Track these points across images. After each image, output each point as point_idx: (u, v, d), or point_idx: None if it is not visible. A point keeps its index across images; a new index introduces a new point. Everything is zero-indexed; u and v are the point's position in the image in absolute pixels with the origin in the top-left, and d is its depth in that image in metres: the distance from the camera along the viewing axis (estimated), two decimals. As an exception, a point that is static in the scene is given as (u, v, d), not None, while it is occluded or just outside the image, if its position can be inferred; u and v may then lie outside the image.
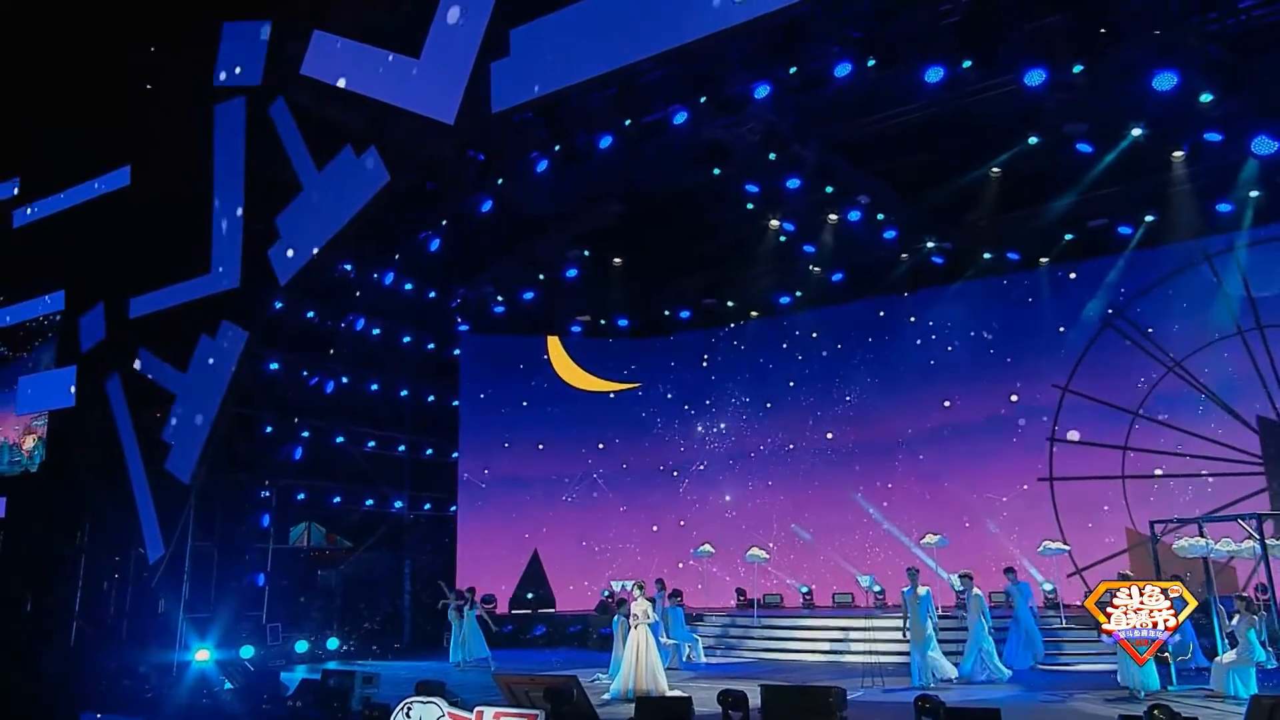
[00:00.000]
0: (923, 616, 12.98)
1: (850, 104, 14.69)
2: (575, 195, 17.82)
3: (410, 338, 22.11)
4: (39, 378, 21.68)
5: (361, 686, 11.48)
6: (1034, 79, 11.96)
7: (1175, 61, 11.43)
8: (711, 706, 9.66)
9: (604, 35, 13.74)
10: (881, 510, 20.11)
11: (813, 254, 19.61)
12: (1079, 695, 12.11)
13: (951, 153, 16.32)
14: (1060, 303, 19.06)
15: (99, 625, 18.54)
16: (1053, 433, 18.81)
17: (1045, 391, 18.92)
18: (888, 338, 20.63)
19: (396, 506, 21.88)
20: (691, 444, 22.72)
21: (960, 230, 18.87)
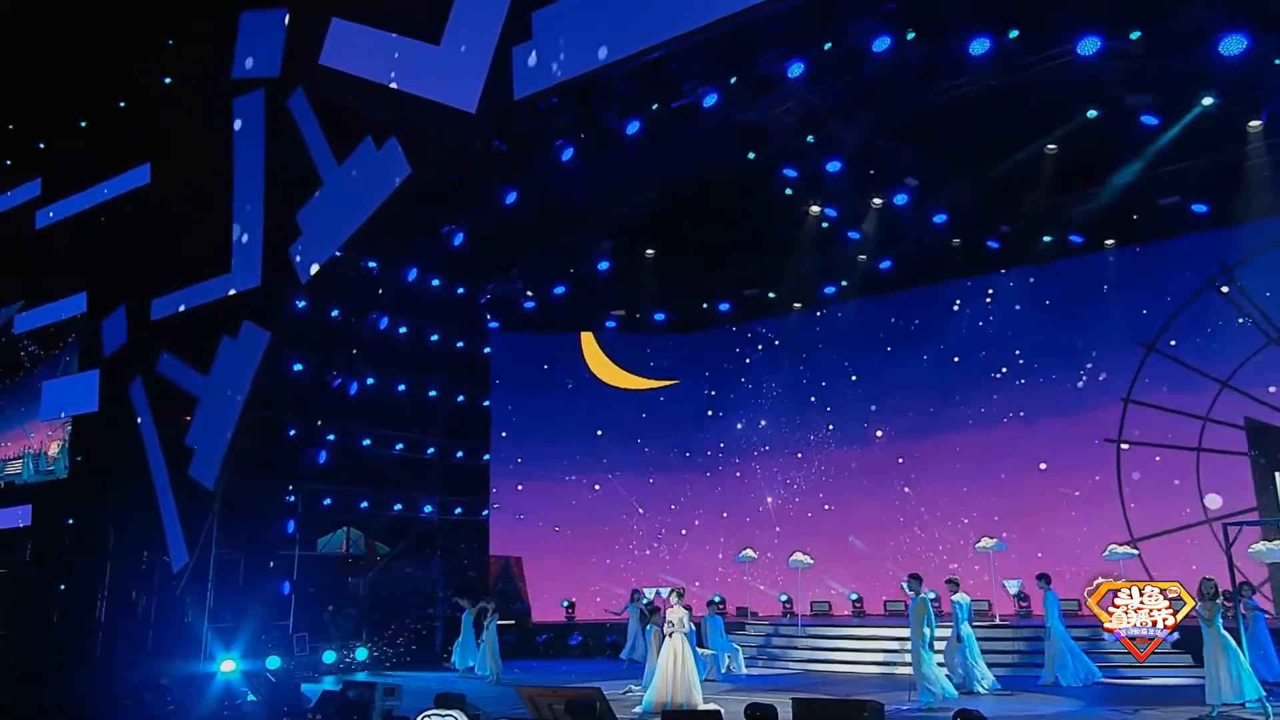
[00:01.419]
0: (922, 624, 12.82)
1: (892, 81, 14.47)
2: (604, 184, 17.84)
3: (438, 336, 22.33)
4: (62, 382, 22.38)
5: (382, 699, 11.61)
6: (1087, 48, 11.71)
7: (1243, 22, 11.06)
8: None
9: (628, 15, 13.74)
10: (936, 512, 19.82)
11: (857, 241, 19.39)
12: (1147, 710, 11.83)
13: (1004, 130, 15.94)
14: (1131, 288, 18.57)
15: (125, 636, 19.10)
16: (1129, 392, 18.24)
17: (1113, 385, 18.46)
18: (940, 328, 20.32)
19: (426, 511, 22.16)
20: (732, 443, 22.65)
21: (1017, 212, 18.48)
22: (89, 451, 21.44)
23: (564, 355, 23.31)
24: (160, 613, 18.69)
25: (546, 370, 23.23)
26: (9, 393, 24.49)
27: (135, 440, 19.52)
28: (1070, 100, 15.10)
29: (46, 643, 20.46)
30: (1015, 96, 14.70)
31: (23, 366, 24.10)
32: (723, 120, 15.25)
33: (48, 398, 22.66)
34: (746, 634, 18.69)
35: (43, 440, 23.04)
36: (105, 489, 20.42)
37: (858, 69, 13.58)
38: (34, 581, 21.62)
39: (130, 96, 22.48)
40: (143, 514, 18.98)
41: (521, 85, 14.86)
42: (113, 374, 20.68)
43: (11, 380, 24.39)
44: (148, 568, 19.26)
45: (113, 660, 18.65)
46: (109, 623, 19.59)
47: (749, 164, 16.82)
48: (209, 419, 18.37)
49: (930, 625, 12.64)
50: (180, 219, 20.13)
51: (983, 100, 14.81)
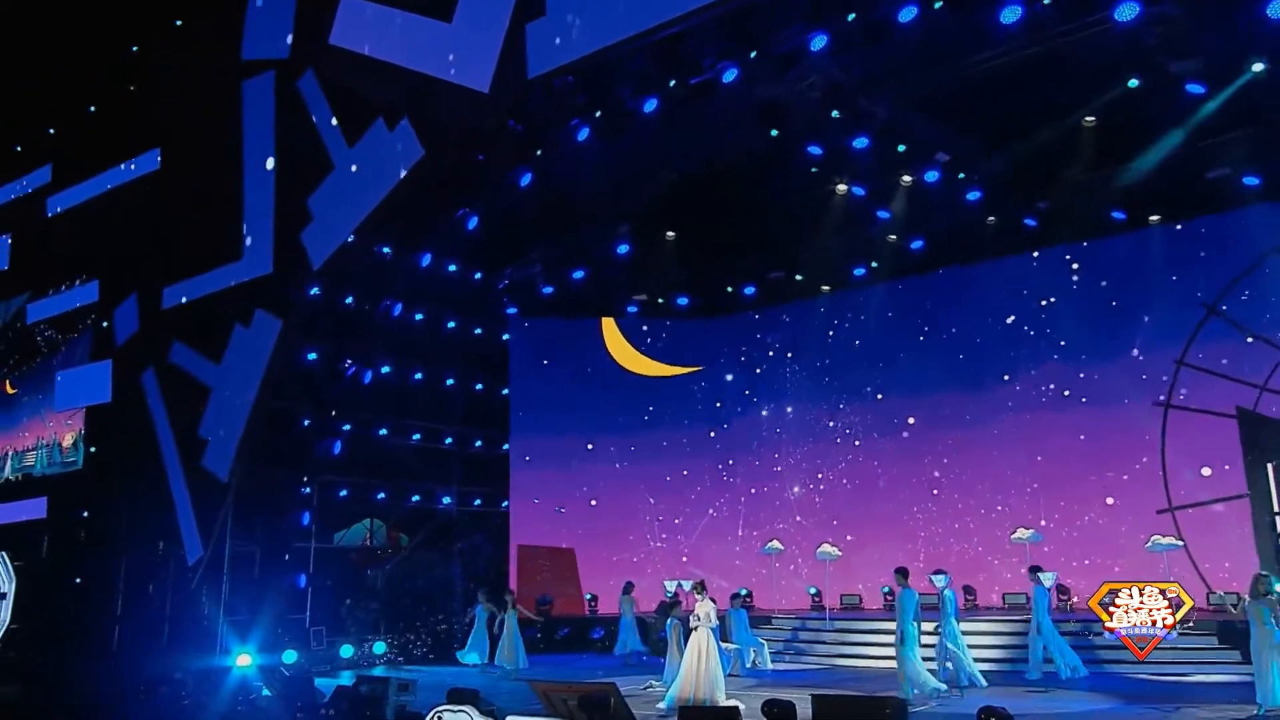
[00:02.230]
0: (906, 619, 12.93)
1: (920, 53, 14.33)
2: (622, 165, 17.79)
3: (455, 323, 22.41)
4: (75, 373, 22.73)
5: (396, 694, 11.76)
6: (1125, 13, 11.48)
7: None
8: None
9: (644, -12, 13.66)
10: (970, 501, 19.65)
11: (887, 220, 19.20)
12: (1189, 709, 11.71)
13: (1039, 102, 15.74)
14: (1178, 266, 18.22)
15: (141, 629, 19.44)
16: (1183, 355, 17.88)
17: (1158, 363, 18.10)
18: (974, 310, 20.09)
19: (444, 502, 22.32)
20: (758, 431, 22.58)
21: (1056, 189, 18.22)
22: (103, 442, 21.79)
23: (585, 342, 23.32)
24: (175, 606, 18.98)
25: (567, 357, 23.23)
26: (26, 379, 24.84)
27: (148, 431, 19.81)
28: (1109, 70, 14.84)
29: (63, 636, 20.87)
30: (1050, 67, 14.49)
31: (40, 352, 24.39)
32: (743, 97, 15.14)
33: (61, 388, 23.04)
34: (773, 628, 18.68)
35: (57, 430, 23.41)
36: (119, 480, 20.74)
37: (884, 41, 13.40)
38: (50, 574, 22.03)
39: (139, 80, 22.70)
40: (157, 506, 19.27)
41: (535, 64, 14.83)
42: (125, 364, 20.98)
43: (29, 367, 24.74)
44: (163, 560, 19.55)
45: (129, 653, 18.98)
46: (125, 615, 19.93)
47: (771, 142, 16.72)
48: (222, 409, 18.60)
49: (917, 620, 13.01)
50: (191, 205, 20.35)
51: (1016, 72, 14.63)
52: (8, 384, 25.21)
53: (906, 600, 13.04)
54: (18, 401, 24.92)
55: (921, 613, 13.40)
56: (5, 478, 24.42)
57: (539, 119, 16.38)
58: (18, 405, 24.88)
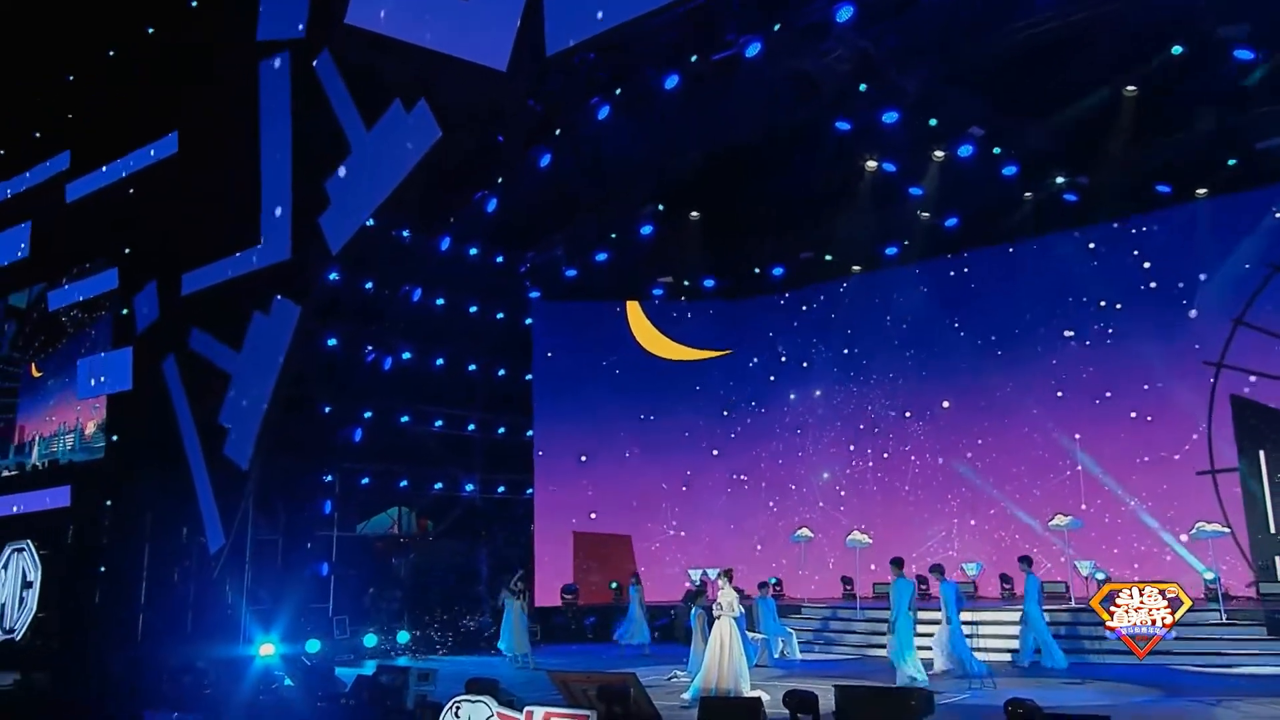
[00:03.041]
0: (899, 608, 13.06)
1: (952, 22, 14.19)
2: (645, 144, 17.78)
3: (477, 307, 22.55)
4: (96, 360, 23.12)
5: (416, 684, 11.94)
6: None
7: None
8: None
9: (662, -41, 13.58)
10: (1006, 486, 19.47)
11: (919, 197, 19.03)
12: (1232, 700, 11.59)
13: (1078, 72, 15.51)
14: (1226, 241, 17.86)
15: (165, 617, 19.85)
16: (1242, 313, 17.49)
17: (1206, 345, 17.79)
18: (1010, 289, 19.85)
19: (468, 490, 22.51)
20: (785, 415, 22.52)
21: (1095, 162, 17.96)
22: (124, 430, 22.17)
23: (609, 325, 23.34)
24: (199, 594, 19.35)
25: (591, 341, 23.27)
26: (51, 361, 25.20)
27: (170, 419, 20.14)
28: (1151, 36, 14.59)
29: (88, 624, 21.36)
30: (1089, 35, 14.29)
31: (65, 332, 24.71)
32: (768, 72, 15.07)
33: (83, 375, 23.46)
34: (802, 617, 18.70)
35: (81, 415, 23.81)
36: (141, 469, 21.11)
37: (914, 10, 13.28)
38: (76, 563, 22.53)
39: (156, 64, 22.94)
40: (179, 494, 19.61)
41: (554, 41, 14.81)
42: (146, 351, 21.32)
43: (54, 349, 25.13)
44: (186, 549, 19.93)
45: (153, 642, 19.40)
46: (149, 604, 20.36)
47: (798, 118, 16.63)
48: (242, 397, 18.85)
49: (912, 610, 13.29)
50: (209, 189, 20.56)
51: (1053, 40, 14.45)
52: (33, 367, 25.63)
53: (901, 589, 13.11)
54: (43, 385, 25.29)
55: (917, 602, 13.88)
56: (33, 464, 24.88)
57: (558, 98, 16.40)
58: (43, 389, 25.25)
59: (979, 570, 18.46)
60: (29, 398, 25.63)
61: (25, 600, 23.17)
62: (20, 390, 25.85)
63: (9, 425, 25.74)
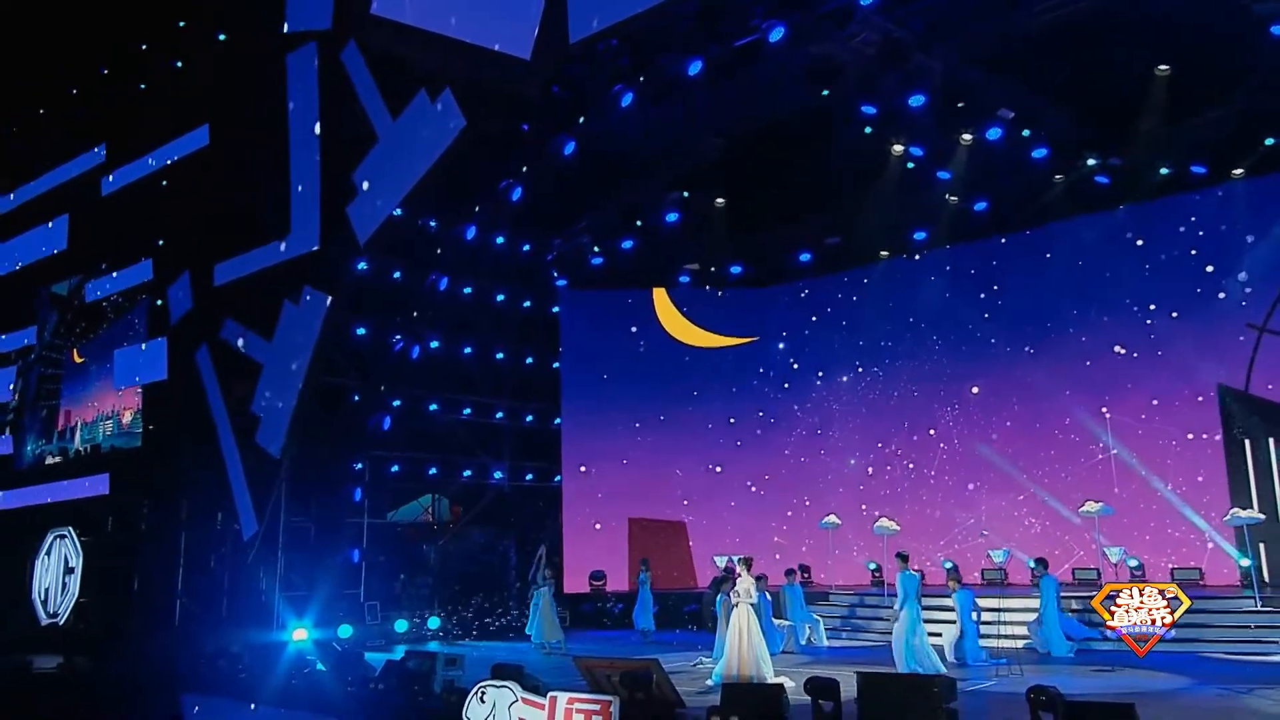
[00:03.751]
0: (903, 601, 13.03)
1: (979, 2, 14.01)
2: (669, 131, 17.76)
3: (504, 296, 22.69)
4: (132, 350, 23.52)
5: (444, 669, 12.09)
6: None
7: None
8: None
9: (684, -55, 13.55)
10: (1036, 472, 19.27)
11: (948, 181, 18.82)
12: (1263, 690, 11.43)
13: (1109, 52, 15.24)
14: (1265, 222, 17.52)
15: (202, 603, 20.23)
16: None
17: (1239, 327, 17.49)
18: (1041, 273, 19.60)
19: (496, 477, 22.69)
20: (813, 401, 22.43)
21: (1128, 143, 17.66)
22: (160, 419, 22.56)
23: (636, 313, 23.35)
24: (234, 580, 19.69)
25: (618, 329, 23.31)
26: (92, 346, 25.53)
27: (204, 408, 20.47)
28: (1182, 14, 14.29)
29: (128, 609, 21.81)
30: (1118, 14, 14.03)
31: (106, 318, 25.11)
32: (791, 56, 14.97)
33: (119, 365, 23.87)
34: (829, 604, 18.68)
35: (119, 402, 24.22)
36: (177, 457, 21.50)
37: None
38: (115, 549, 23.00)
39: (186, 56, 23.22)
40: (214, 482, 19.97)
41: (576, 28, 14.82)
42: (180, 341, 21.66)
43: (95, 335, 25.53)
44: (221, 536, 20.28)
45: (190, 626, 19.78)
46: (186, 590, 20.75)
47: (823, 102, 16.50)
48: (273, 386, 19.11)
49: (918, 599, 13.23)
50: (239, 181, 20.83)
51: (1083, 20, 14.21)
52: (75, 353, 26.07)
53: (907, 583, 13.08)
54: (85, 370, 25.63)
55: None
56: (75, 449, 25.33)
57: (582, 85, 16.41)
58: (85, 374, 25.59)
59: (1006, 557, 18.31)
60: (71, 384, 26.04)
61: (68, 586, 23.69)
62: (63, 376, 26.30)
63: (52, 411, 26.23)
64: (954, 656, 14.22)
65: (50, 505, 24.94)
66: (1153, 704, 10.01)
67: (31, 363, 27.00)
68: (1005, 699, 9.78)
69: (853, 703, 8.67)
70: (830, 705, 8.66)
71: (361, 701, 12.58)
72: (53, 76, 26.86)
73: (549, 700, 9.64)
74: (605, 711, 9.28)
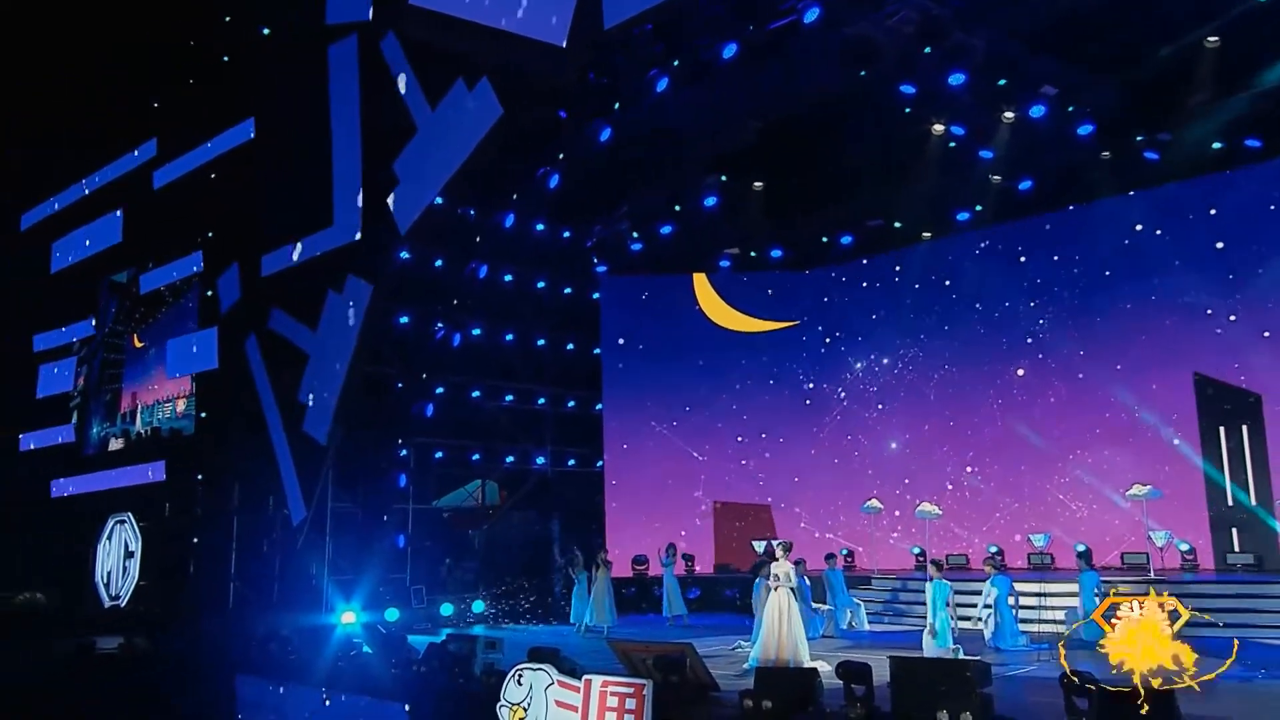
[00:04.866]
0: (938, 610, 12.86)
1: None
2: (705, 115, 17.67)
3: (545, 283, 22.81)
4: (184, 341, 24.09)
5: (484, 652, 12.27)
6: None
7: None
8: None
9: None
10: (1086, 458, 18.93)
11: (990, 160, 18.50)
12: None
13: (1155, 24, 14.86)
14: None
15: (254, 586, 20.74)
16: None
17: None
18: (1088, 252, 19.24)
19: (539, 463, 22.88)
20: (855, 385, 22.28)
21: (1177, 118, 17.20)
22: (212, 408, 23.11)
23: (676, 298, 23.36)
24: (284, 565, 20.14)
25: (658, 314, 23.33)
26: (151, 331, 26.12)
27: (253, 396, 20.91)
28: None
29: (184, 592, 22.45)
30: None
31: (165, 302, 25.65)
32: (827, 37, 14.79)
33: (172, 355, 24.46)
34: (872, 589, 18.59)
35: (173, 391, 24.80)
36: (229, 444, 22.03)
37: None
38: (172, 534, 23.65)
39: (233, 50, 23.62)
40: (265, 469, 20.41)
41: (611, 14, 14.80)
42: (229, 331, 22.13)
43: (154, 320, 26.14)
44: (272, 521, 20.75)
45: (243, 610, 20.31)
46: (239, 574, 21.29)
47: (860, 83, 16.26)
48: (319, 374, 19.45)
49: (949, 606, 12.98)
50: (284, 172, 21.17)
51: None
52: (135, 338, 26.72)
53: (939, 592, 12.87)
54: (145, 354, 26.22)
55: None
56: (137, 431, 25.98)
57: (617, 71, 16.40)
58: (146, 358, 26.14)
59: (1046, 541, 18.06)
60: (133, 368, 26.70)
61: (128, 569, 24.40)
62: (125, 361, 27.00)
63: (116, 395, 26.94)
64: (993, 643, 14.09)
65: (110, 492, 25.68)
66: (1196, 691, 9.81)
67: (95, 349, 27.78)
68: (1041, 684, 9.67)
69: (886, 687, 8.65)
70: (862, 689, 8.64)
71: (405, 683, 12.82)
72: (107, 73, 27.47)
73: (584, 683, 9.75)
74: (639, 694, 9.36)
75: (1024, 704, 9.11)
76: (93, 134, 28.55)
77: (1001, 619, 14.24)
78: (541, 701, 10.00)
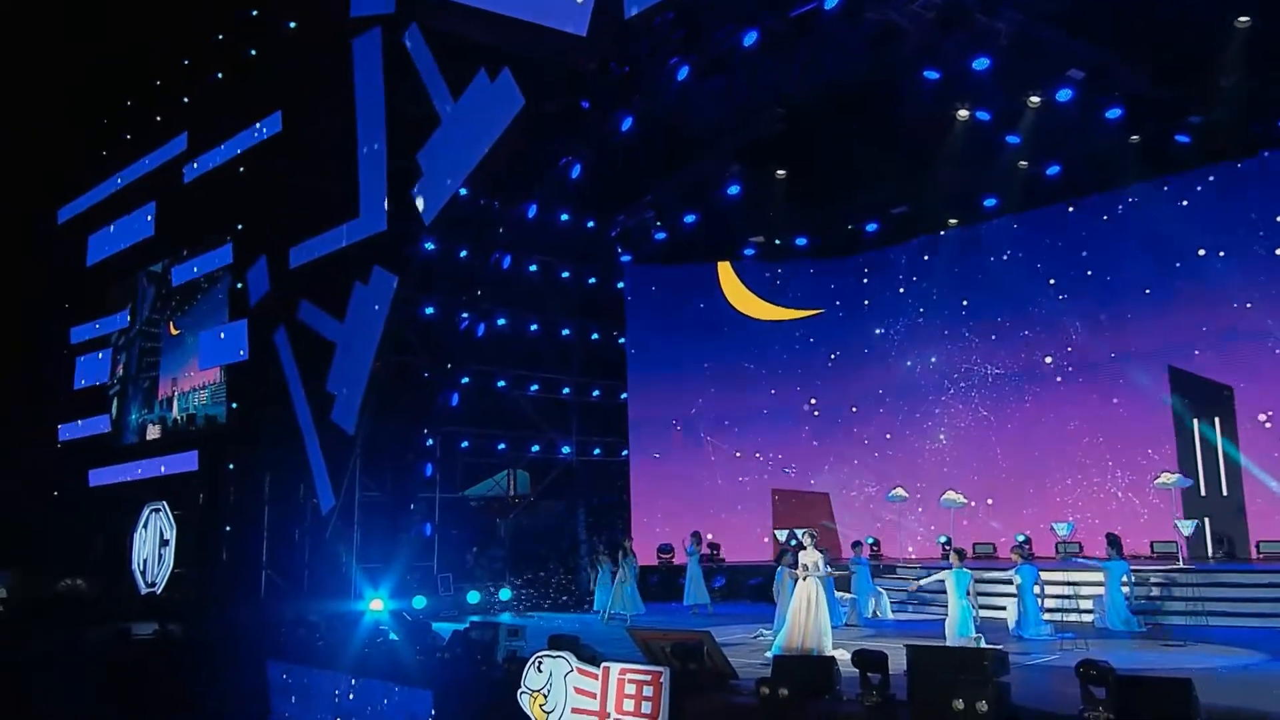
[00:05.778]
0: (960, 598, 12.65)
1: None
2: (727, 103, 17.61)
3: (569, 272, 22.86)
4: (214, 333, 24.45)
5: (507, 639, 12.39)
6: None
7: None
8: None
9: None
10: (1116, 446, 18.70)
11: (1017, 146, 18.26)
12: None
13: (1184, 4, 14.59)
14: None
15: (285, 574, 21.06)
16: None
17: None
18: (1119, 239, 18.93)
19: (564, 452, 22.99)
20: (881, 374, 22.11)
21: (1209, 100, 16.88)
22: (243, 399, 23.45)
23: (701, 287, 23.31)
24: (314, 553, 20.43)
25: (683, 303, 23.31)
26: (186, 319, 26.46)
27: (283, 387, 21.20)
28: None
29: (217, 580, 22.84)
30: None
31: (200, 289, 25.98)
32: (850, 23, 14.70)
33: (204, 346, 24.83)
34: (897, 577, 18.52)
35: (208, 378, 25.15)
36: (260, 434, 22.36)
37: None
38: (206, 523, 24.06)
39: (260, 44, 23.87)
40: (295, 459, 20.71)
41: (632, 2, 14.82)
42: (259, 323, 22.43)
43: (189, 308, 26.50)
44: (302, 510, 21.04)
45: (274, 597, 20.63)
46: (270, 561, 21.63)
47: (884, 69, 16.14)
48: (347, 364, 19.68)
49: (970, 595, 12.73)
50: (311, 165, 21.41)
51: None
52: (171, 325, 27.13)
53: (960, 580, 12.73)
54: (181, 342, 26.60)
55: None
56: (173, 418, 26.40)
57: (639, 60, 16.38)
58: (181, 346, 26.50)
59: (1070, 530, 17.89)
60: (169, 356, 27.12)
61: (163, 557, 24.84)
62: (162, 349, 27.44)
63: (153, 382, 27.40)
64: (1016, 631, 14.02)
65: (146, 481, 26.15)
66: (1217, 680, 9.76)
67: (132, 338, 28.26)
68: (1060, 673, 9.60)
69: (903, 675, 8.64)
70: (878, 677, 8.63)
71: (429, 670, 12.99)
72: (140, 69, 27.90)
73: (602, 670, 9.83)
74: (656, 682, 9.43)
75: (1042, 692, 9.06)
76: (125, 129, 29.02)
77: (1025, 607, 14.15)
78: (561, 688, 10.11)
